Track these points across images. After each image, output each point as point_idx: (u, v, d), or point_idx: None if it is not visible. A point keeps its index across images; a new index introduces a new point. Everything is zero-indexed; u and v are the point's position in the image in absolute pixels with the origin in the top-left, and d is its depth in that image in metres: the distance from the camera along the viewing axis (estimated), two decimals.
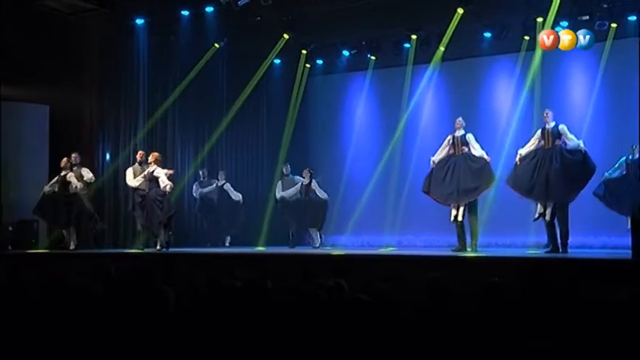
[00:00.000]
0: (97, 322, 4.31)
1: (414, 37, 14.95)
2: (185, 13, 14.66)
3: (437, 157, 12.23)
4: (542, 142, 11.47)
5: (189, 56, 15.19)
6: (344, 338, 3.96)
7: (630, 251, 9.34)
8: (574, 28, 12.80)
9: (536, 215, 11.52)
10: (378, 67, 16.00)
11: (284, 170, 14.79)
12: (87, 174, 13.15)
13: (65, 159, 13.24)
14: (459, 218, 11.83)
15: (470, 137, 12.06)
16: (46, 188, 13.25)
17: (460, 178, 11.85)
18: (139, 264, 8.59)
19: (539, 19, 13.28)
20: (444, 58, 14.78)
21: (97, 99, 14.63)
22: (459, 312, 4.36)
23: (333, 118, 16.95)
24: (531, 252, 11.35)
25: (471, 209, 11.93)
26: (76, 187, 13.03)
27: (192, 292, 5.31)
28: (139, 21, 14.72)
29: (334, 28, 14.71)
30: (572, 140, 11.30)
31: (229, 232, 15.34)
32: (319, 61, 16.59)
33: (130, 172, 13.11)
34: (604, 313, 4.05)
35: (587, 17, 13.04)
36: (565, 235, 11.29)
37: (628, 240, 9.74)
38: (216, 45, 15.30)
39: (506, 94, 14.73)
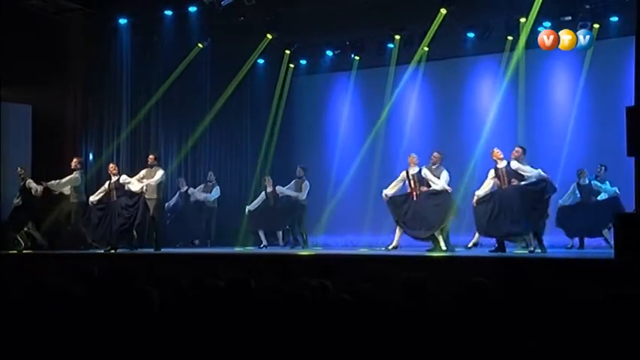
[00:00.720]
0: (80, 323, 4.29)
1: (397, 37, 14.97)
2: (168, 13, 14.62)
3: (390, 191, 12.28)
4: (498, 182, 11.35)
5: (173, 56, 15.15)
6: (327, 338, 3.96)
7: (613, 251, 9.39)
8: (556, 28, 12.86)
9: (470, 244, 11.71)
10: (361, 67, 16.02)
11: (297, 172, 14.38)
12: (75, 182, 13.18)
13: (20, 168, 13.36)
14: (443, 248, 11.82)
15: (425, 172, 11.96)
16: (15, 201, 13.36)
17: (423, 217, 11.88)
18: (122, 264, 8.55)
19: (522, 20, 13.35)
20: (427, 59, 14.84)
21: (81, 99, 14.56)
22: (439, 312, 4.37)
23: (316, 118, 16.95)
24: (519, 251, 11.37)
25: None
26: (37, 190, 13.14)
27: (176, 292, 5.30)
28: (122, 21, 14.67)
29: (318, 28, 14.70)
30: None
31: (207, 231, 15.26)
32: (303, 61, 16.58)
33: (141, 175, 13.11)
34: (587, 313, 4.06)
35: (570, 18, 13.09)
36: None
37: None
38: (200, 45, 15.27)
39: (489, 94, 14.78)
